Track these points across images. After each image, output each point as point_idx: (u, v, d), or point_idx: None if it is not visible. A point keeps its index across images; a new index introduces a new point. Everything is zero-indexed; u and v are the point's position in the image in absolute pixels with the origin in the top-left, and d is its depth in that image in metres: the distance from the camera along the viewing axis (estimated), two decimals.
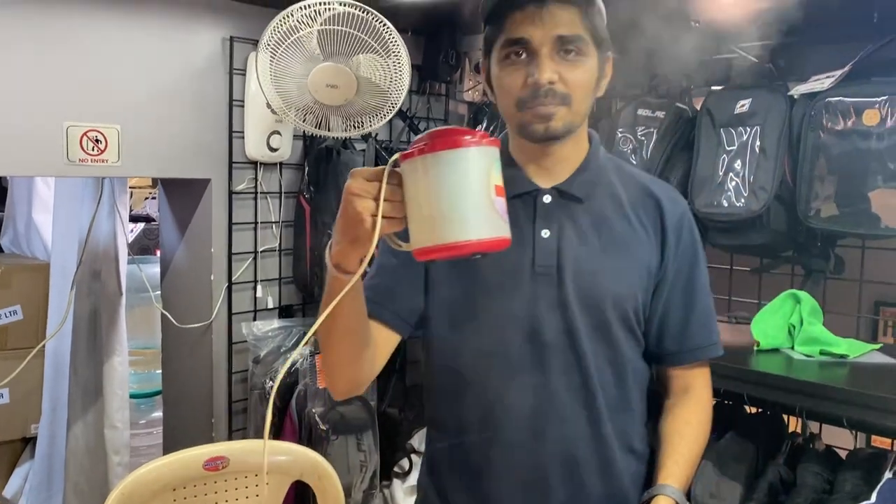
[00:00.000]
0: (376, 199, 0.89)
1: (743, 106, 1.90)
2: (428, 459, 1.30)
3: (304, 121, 1.96)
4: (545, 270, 1.16)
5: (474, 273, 1.18)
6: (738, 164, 1.89)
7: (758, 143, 1.86)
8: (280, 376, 1.05)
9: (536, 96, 1.10)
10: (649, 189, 1.22)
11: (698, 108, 2.02)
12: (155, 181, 3.49)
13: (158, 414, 2.85)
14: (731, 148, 1.93)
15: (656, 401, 1.29)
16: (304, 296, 2.39)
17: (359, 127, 2.00)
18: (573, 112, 1.12)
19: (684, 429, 1.22)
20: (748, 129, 1.89)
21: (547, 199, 1.18)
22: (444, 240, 0.87)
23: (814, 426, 1.83)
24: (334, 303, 0.93)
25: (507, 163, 1.18)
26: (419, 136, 0.92)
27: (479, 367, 1.17)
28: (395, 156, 0.91)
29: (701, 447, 1.23)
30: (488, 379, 1.16)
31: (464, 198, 0.87)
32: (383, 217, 0.89)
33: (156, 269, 2.49)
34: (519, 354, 1.15)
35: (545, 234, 1.17)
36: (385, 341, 1.21)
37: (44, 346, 2.58)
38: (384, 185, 0.89)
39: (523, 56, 1.10)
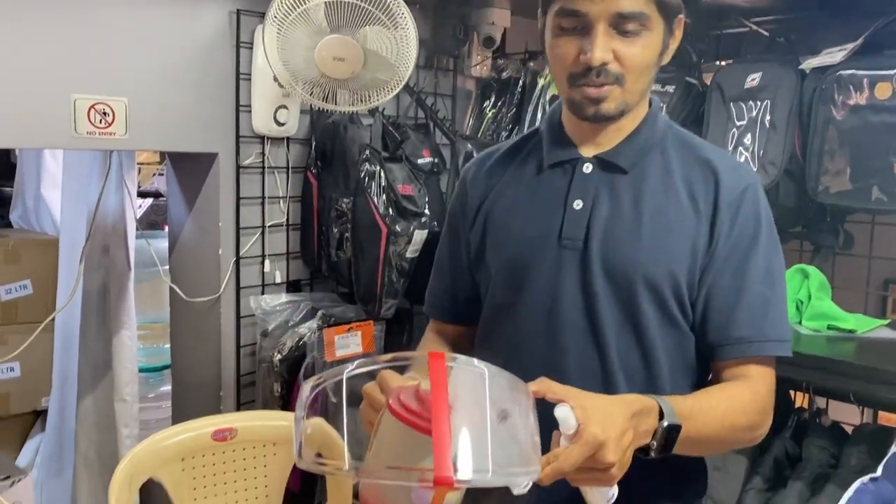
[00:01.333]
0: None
1: (753, 80, 1.89)
2: None
3: (311, 94, 1.95)
4: (571, 244, 1.09)
5: (507, 249, 1.15)
6: (747, 139, 1.88)
7: (768, 117, 1.85)
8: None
9: (587, 75, 1.03)
10: (709, 161, 1.11)
11: (708, 82, 2.01)
12: (163, 157, 3.50)
13: (167, 388, 2.87)
14: (740, 122, 1.91)
15: None
16: (311, 271, 2.39)
17: (366, 101, 1.99)
18: (627, 92, 1.06)
19: (714, 390, 1.07)
20: (758, 104, 1.87)
21: (587, 168, 1.12)
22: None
23: (820, 403, 1.83)
24: None
25: (555, 128, 1.17)
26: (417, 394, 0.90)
27: (504, 346, 1.14)
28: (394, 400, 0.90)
29: (729, 420, 1.03)
30: (509, 360, 1.10)
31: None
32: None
33: (164, 244, 2.50)
34: (535, 334, 1.11)
35: (577, 205, 1.10)
36: (467, 334, 1.27)
37: (53, 319, 2.59)
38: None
39: (577, 28, 1.03)
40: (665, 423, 0.93)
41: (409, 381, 1.00)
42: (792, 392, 1.82)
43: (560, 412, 0.87)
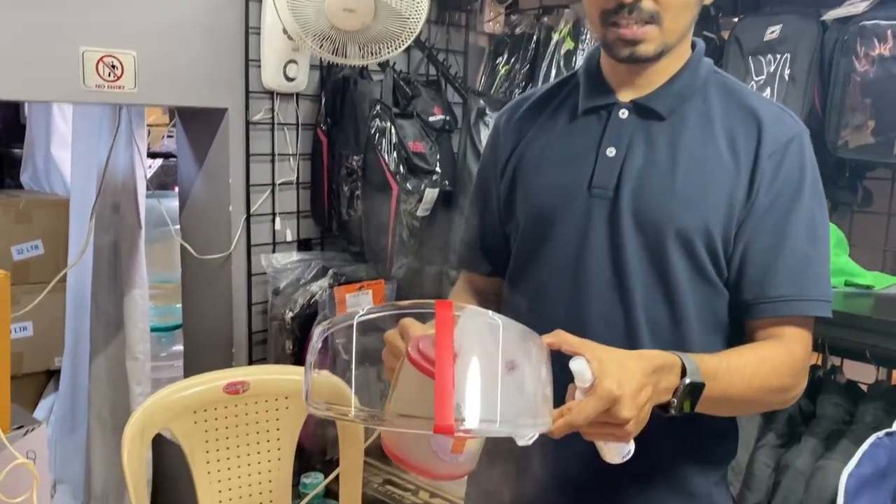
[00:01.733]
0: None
1: (773, 33, 1.84)
2: None
3: (320, 47, 1.92)
4: (601, 193, 1.05)
5: (536, 198, 1.12)
6: (766, 94, 1.84)
7: (787, 70, 1.81)
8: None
9: (619, 12, 0.99)
10: (753, 109, 1.05)
11: (726, 37, 1.96)
12: (172, 118, 3.48)
13: (178, 347, 2.89)
14: (759, 77, 1.87)
15: None
16: (322, 230, 2.38)
17: (376, 54, 1.96)
18: (666, 31, 1.00)
19: (745, 349, 1.01)
20: (778, 57, 1.83)
21: (623, 114, 1.07)
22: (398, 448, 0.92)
23: (835, 362, 1.82)
24: None
25: (593, 71, 1.13)
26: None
27: (529, 297, 1.12)
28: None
29: (758, 381, 0.98)
30: (533, 311, 1.10)
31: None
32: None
33: (175, 204, 2.49)
34: (560, 286, 1.08)
35: (610, 152, 1.06)
36: (498, 284, 1.24)
37: (64, 277, 2.60)
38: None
39: None
40: (687, 381, 0.90)
41: (430, 330, 0.99)
42: None
43: (575, 365, 0.85)
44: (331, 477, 1.49)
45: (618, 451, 0.91)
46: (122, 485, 2.47)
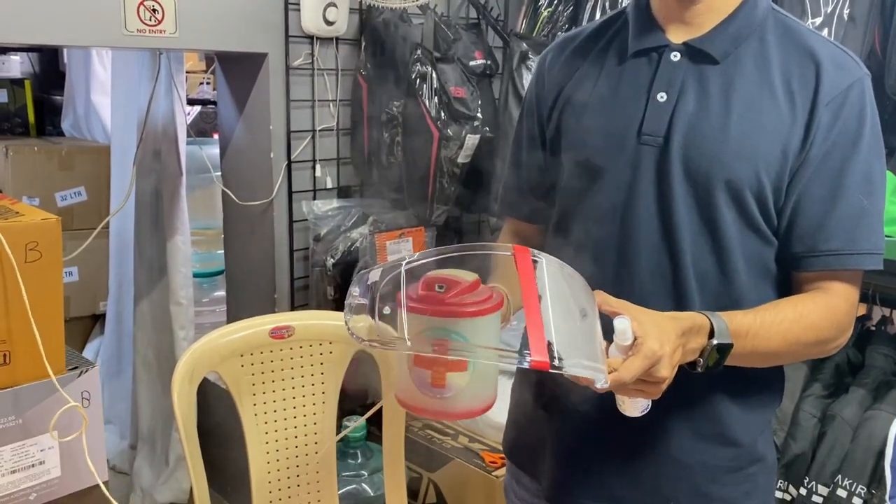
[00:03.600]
0: None
1: None
2: None
3: None
4: (651, 140, 1.02)
5: (583, 144, 1.09)
6: (823, 35, 1.77)
7: (846, 10, 1.73)
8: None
9: None
10: (813, 52, 1.00)
11: None
12: (209, 64, 3.47)
13: (221, 293, 2.93)
14: (815, 18, 1.80)
15: None
16: (362, 176, 2.37)
17: None
18: None
19: (784, 304, 1.00)
20: None
21: (675, 56, 1.03)
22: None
23: (884, 312, 1.78)
24: None
25: (642, 8, 1.09)
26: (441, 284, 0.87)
27: (574, 246, 1.10)
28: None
29: (794, 336, 0.97)
30: (578, 260, 1.06)
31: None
32: None
33: (215, 150, 2.50)
34: (607, 235, 1.06)
35: (661, 97, 1.02)
36: (539, 234, 1.24)
37: (108, 223, 2.63)
38: None
39: None
40: (714, 342, 0.92)
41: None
42: None
43: (619, 323, 0.87)
44: (371, 412, 1.52)
45: (637, 406, 0.94)
46: (168, 425, 2.56)
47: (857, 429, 1.54)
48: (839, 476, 1.54)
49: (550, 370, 0.78)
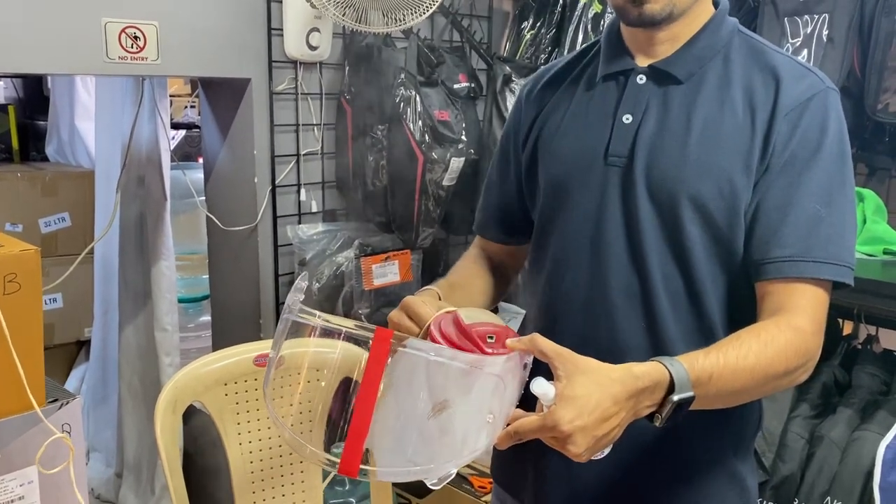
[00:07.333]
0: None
1: None
2: None
3: (343, 15, 1.89)
4: (617, 161, 1.03)
5: (554, 167, 1.11)
6: (802, 56, 1.79)
7: (825, 31, 1.75)
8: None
9: None
10: (775, 69, 1.00)
11: None
12: (194, 88, 3.46)
13: (206, 318, 2.91)
14: (795, 39, 1.82)
15: None
16: (346, 200, 2.36)
17: (399, 21, 1.92)
18: None
19: (746, 335, 0.94)
20: (815, 17, 1.78)
21: (640, 79, 1.05)
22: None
23: (870, 331, 1.78)
24: None
25: (613, 37, 1.10)
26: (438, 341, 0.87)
27: (548, 268, 1.11)
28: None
29: (761, 370, 0.91)
30: (552, 282, 1.10)
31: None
32: None
33: (199, 175, 2.49)
34: (578, 258, 1.06)
35: (626, 119, 1.04)
36: (511, 253, 1.26)
37: (92, 249, 2.62)
38: None
39: None
40: (674, 398, 0.86)
41: (444, 306, 0.98)
42: (840, 321, 1.77)
43: (537, 387, 0.81)
44: None
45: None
46: (153, 453, 2.52)
47: (846, 449, 1.53)
48: (828, 497, 1.53)
49: (358, 478, 0.79)
